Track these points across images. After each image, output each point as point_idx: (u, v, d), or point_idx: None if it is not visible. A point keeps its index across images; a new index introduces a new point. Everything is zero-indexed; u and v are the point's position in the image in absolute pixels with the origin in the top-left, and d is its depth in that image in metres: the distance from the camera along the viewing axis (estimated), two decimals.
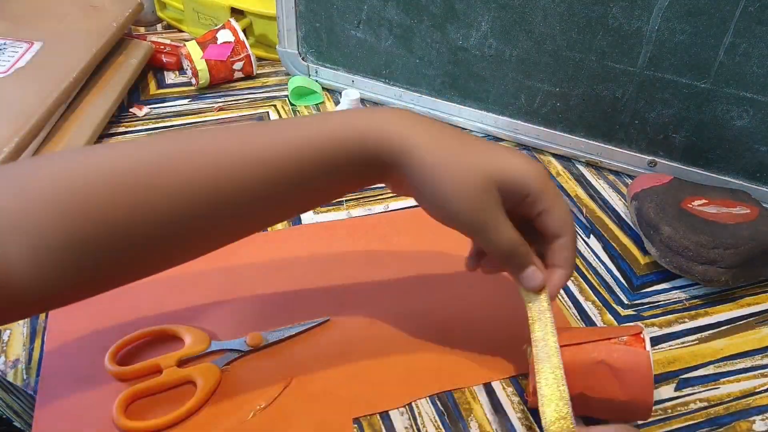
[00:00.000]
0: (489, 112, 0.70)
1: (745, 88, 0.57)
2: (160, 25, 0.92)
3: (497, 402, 0.44)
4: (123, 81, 0.71)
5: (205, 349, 0.45)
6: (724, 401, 0.45)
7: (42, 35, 0.69)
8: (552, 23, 0.61)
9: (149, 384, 0.43)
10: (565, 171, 0.68)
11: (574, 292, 0.53)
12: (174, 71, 0.81)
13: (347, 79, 0.76)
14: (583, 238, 0.59)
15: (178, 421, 0.41)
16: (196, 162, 0.35)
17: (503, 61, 0.66)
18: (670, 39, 0.58)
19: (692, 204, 0.56)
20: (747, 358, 0.49)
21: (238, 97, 0.76)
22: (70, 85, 0.64)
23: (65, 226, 0.32)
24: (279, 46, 0.78)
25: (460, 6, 0.64)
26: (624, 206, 0.63)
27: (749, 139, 0.60)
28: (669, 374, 0.47)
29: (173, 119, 0.72)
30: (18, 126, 0.57)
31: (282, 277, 0.52)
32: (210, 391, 0.43)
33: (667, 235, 0.53)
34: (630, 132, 0.65)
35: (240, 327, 0.48)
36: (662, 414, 0.44)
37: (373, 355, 0.46)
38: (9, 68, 0.64)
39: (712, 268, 0.51)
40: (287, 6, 0.73)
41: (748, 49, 0.55)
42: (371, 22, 0.70)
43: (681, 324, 0.51)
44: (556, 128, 0.68)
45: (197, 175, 0.35)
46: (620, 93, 0.63)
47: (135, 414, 0.41)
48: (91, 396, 0.42)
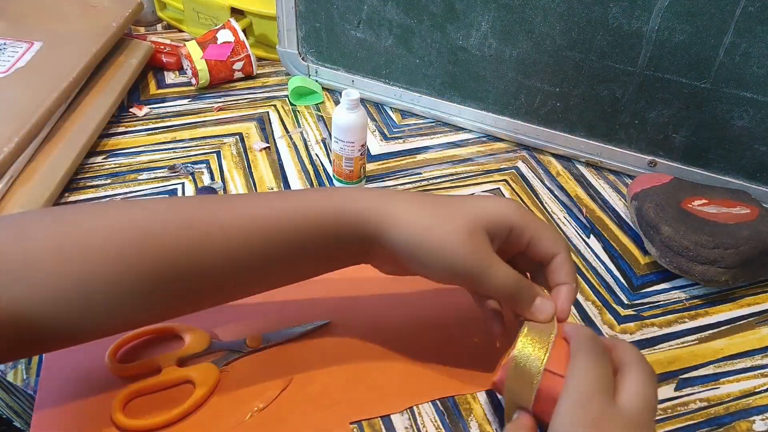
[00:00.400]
0: (489, 112, 0.70)
1: (745, 88, 0.57)
2: (160, 25, 0.92)
3: (497, 402, 0.44)
4: (123, 81, 0.71)
5: (205, 349, 0.45)
6: (724, 401, 0.45)
7: (42, 35, 0.69)
8: (552, 23, 0.61)
9: (148, 383, 0.43)
10: (565, 171, 0.68)
11: None
12: (174, 71, 0.81)
13: (347, 79, 0.76)
14: (583, 238, 0.59)
15: (176, 420, 0.41)
16: (178, 233, 0.37)
17: (503, 61, 0.66)
18: (670, 39, 0.58)
19: (692, 204, 0.56)
20: (747, 358, 0.49)
21: (238, 97, 0.77)
22: (70, 85, 0.64)
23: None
24: (279, 46, 0.78)
25: (460, 6, 0.64)
26: (624, 206, 0.63)
27: (749, 139, 0.60)
28: (669, 374, 0.47)
29: (173, 119, 0.72)
30: (18, 126, 0.57)
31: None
32: (209, 391, 0.43)
33: (667, 235, 0.53)
34: (630, 132, 0.65)
35: (240, 327, 0.47)
36: (662, 414, 0.44)
37: (373, 359, 0.46)
38: (9, 68, 0.64)
39: (712, 268, 0.51)
40: (287, 6, 0.73)
41: (748, 49, 0.55)
42: (371, 22, 0.70)
43: (681, 324, 0.51)
44: (556, 128, 0.68)
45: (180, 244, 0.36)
46: (620, 93, 0.63)
47: (134, 412, 0.41)
48: (91, 394, 0.42)
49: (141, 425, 0.40)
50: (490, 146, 0.71)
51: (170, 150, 0.67)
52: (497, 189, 0.64)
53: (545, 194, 0.64)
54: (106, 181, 0.62)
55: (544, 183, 0.66)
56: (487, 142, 0.72)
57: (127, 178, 0.63)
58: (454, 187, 0.64)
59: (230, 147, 0.68)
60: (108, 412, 0.41)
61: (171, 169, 0.64)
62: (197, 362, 0.44)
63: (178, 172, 0.64)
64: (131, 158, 0.65)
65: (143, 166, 0.64)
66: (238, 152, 0.67)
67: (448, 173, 0.66)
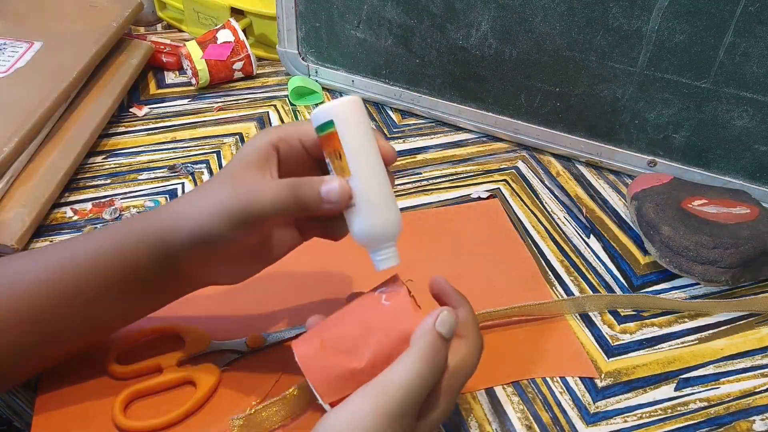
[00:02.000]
0: (489, 112, 0.70)
1: (745, 88, 0.57)
2: (160, 25, 0.92)
3: (497, 402, 0.44)
4: (123, 81, 0.71)
5: (206, 349, 0.45)
6: (724, 401, 0.45)
7: (42, 35, 0.69)
8: (552, 23, 0.61)
9: (149, 383, 0.43)
10: (565, 171, 0.68)
11: (575, 292, 0.53)
12: (174, 71, 0.81)
13: (347, 79, 0.76)
14: (583, 238, 0.59)
15: (177, 421, 0.41)
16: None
17: (503, 61, 0.66)
18: (670, 39, 0.58)
19: (692, 204, 0.56)
20: (747, 358, 0.49)
21: (237, 97, 0.76)
22: (70, 85, 0.64)
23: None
24: (279, 46, 0.78)
25: (460, 6, 0.64)
26: (624, 206, 0.63)
27: (749, 139, 0.60)
28: (669, 374, 0.47)
29: (173, 119, 0.72)
30: (18, 126, 0.57)
31: (284, 279, 0.52)
32: (209, 392, 0.43)
33: (667, 235, 0.53)
34: (630, 132, 0.65)
35: (241, 328, 0.47)
36: (662, 414, 0.44)
37: None
38: (9, 68, 0.64)
39: (712, 268, 0.51)
40: (287, 6, 0.73)
41: (748, 49, 0.55)
42: (371, 22, 0.70)
43: (681, 324, 0.51)
44: (556, 128, 0.68)
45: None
46: (620, 93, 0.63)
47: (134, 413, 0.42)
48: (91, 395, 0.42)
49: (141, 426, 0.40)
50: (490, 146, 0.71)
51: (170, 150, 0.67)
52: (497, 189, 0.64)
53: (545, 194, 0.64)
54: (106, 181, 0.62)
55: (544, 183, 0.66)
56: (487, 142, 0.72)
57: (127, 178, 0.63)
58: (454, 187, 0.64)
59: (230, 147, 0.68)
60: (108, 412, 0.41)
61: (171, 169, 0.64)
62: (198, 363, 0.44)
63: (178, 172, 0.64)
64: (131, 158, 0.65)
65: (143, 166, 0.64)
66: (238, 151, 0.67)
67: (448, 173, 0.66)
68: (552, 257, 0.57)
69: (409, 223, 0.59)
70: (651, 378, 0.47)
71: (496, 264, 0.55)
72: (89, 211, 0.58)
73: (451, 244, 0.57)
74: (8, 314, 0.37)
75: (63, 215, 0.58)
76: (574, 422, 0.43)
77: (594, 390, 0.46)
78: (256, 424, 0.41)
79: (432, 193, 0.63)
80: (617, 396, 0.45)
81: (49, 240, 0.55)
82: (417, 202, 0.62)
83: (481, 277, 0.53)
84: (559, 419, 0.44)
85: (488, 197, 0.63)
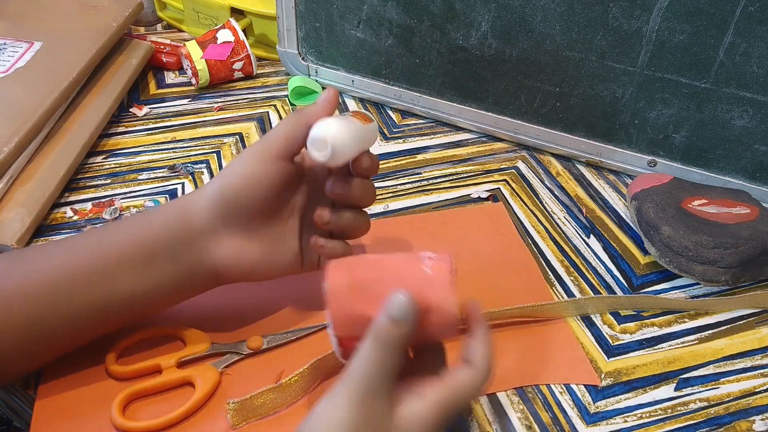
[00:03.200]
0: (489, 112, 0.70)
1: (745, 88, 0.57)
2: (160, 25, 0.92)
3: (497, 402, 0.44)
4: (123, 81, 0.71)
5: (205, 351, 0.45)
6: (724, 401, 0.45)
7: (42, 35, 0.69)
8: (552, 23, 0.61)
9: (148, 384, 0.43)
10: (565, 171, 0.68)
11: (575, 292, 0.53)
12: (174, 71, 0.81)
13: (347, 79, 0.76)
14: (583, 238, 0.59)
15: (176, 422, 0.41)
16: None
17: (503, 61, 0.66)
18: (670, 39, 0.58)
19: (692, 204, 0.56)
20: (747, 358, 0.49)
21: (237, 97, 0.76)
22: (70, 84, 0.64)
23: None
24: (279, 46, 0.78)
25: (460, 6, 0.64)
26: (624, 206, 0.63)
27: (749, 139, 0.60)
28: (669, 374, 0.47)
29: (173, 119, 0.72)
30: (18, 126, 0.57)
31: (284, 281, 0.52)
32: (208, 393, 0.43)
33: (667, 235, 0.53)
34: (630, 132, 0.65)
35: (241, 330, 0.47)
36: (662, 414, 0.44)
37: None
38: (9, 68, 0.64)
39: (712, 268, 0.51)
40: (287, 6, 0.73)
41: (748, 49, 0.55)
42: (371, 22, 0.70)
43: (681, 324, 0.51)
44: (556, 128, 0.68)
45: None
46: (620, 93, 0.63)
47: (133, 414, 0.42)
48: (91, 395, 0.42)
49: (140, 427, 0.40)
50: (490, 146, 0.71)
51: (170, 150, 0.67)
52: (497, 189, 0.64)
53: (545, 194, 0.64)
54: (106, 181, 0.62)
55: (544, 183, 0.66)
56: (487, 142, 0.72)
57: (126, 178, 0.63)
58: (454, 187, 0.64)
59: (230, 147, 0.68)
60: (108, 413, 0.41)
61: (171, 169, 0.64)
62: (197, 364, 0.44)
63: (178, 172, 0.64)
64: (131, 158, 0.65)
65: (143, 166, 0.64)
66: (239, 152, 0.67)
67: (448, 173, 0.66)
68: (552, 257, 0.57)
69: (411, 223, 0.59)
70: (651, 378, 0.47)
71: (499, 269, 0.55)
72: (89, 211, 0.58)
73: (453, 248, 0.56)
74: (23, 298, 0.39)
75: (63, 215, 0.58)
76: (574, 422, 0.43)
77: (594, 390, 0.46)
78: (251, 408, 0.41)
79: (432, 193, 0.63)
80: (617, 396, 0.45)
81: (48, 240, 0.55)
82: (417, 202, 0.62)
83: (483, 281, 0.53)
84: (559, 419, 0.44)
85: (488, 197, 0.63)
